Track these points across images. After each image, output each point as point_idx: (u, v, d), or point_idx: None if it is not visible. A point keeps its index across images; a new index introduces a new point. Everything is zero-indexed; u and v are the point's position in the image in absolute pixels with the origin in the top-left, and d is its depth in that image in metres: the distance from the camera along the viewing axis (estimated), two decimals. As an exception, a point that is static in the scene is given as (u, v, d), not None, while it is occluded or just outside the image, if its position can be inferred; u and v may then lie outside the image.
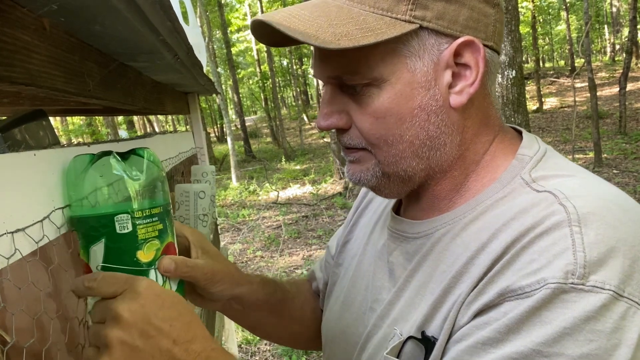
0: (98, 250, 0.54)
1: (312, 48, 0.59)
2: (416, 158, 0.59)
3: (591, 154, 8.74)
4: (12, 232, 0.55)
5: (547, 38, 34.94)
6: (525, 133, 0.65)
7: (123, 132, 17.87)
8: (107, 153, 0.57)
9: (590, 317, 0.44)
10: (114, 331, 0.50)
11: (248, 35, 24.85)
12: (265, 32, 0.60)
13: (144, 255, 0.56)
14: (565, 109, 15.35)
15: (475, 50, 0.56)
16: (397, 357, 0.59)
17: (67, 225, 0.57)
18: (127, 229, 0.54)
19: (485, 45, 0.57)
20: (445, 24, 0.55)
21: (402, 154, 0.59)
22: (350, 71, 0.56)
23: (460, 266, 0.55)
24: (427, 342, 0.56)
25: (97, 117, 8.26)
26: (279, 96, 24.70)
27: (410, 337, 0.57)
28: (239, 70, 25.61)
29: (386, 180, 0.62)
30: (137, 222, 0.55)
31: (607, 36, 30.92)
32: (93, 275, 0.53)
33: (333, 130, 0.65)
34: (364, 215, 0.85)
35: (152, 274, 0.57)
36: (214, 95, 5.09)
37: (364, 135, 0.59)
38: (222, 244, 6.91)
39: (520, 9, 14.85)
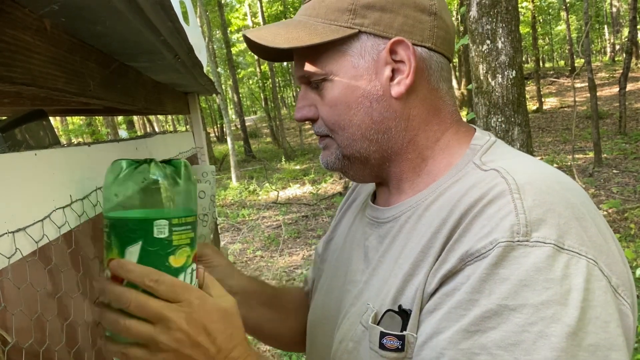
0: (134, 252, 0.56)
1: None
2: (366, 140, 0.70)
3: (591, 154, 8.74)
4: (13, 232, 0.55)
5: (547, 38, 34.93)
6: (478, 128, 0.76)
7: (123, 132, 17.86)
8: (149, 160, 0.60)
9: (540, 267, 0.51)
10: (169, 336, 0.54)
11: (248, 35, 24.81)
12: (254, 44, 0.72)
13: (176, 260, 0.58)
14: (565, 109, 15.35)
15: (406, 48, 0.66)
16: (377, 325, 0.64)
17: (103, 226, 0.58)
18: (164, 234, 0.56)
19: (420, 45, 0.68)
20: (381, 28, 0.67)
21: (353, 136, 0.70)
22: (310, 70, 0.70)
23: (426, 242, 0.63)
24: (403, 314, 0.62)
25: (97, 117, 8.24)
26: (279, 96, 24.71)
27: (388, 310, 0.63)
28: (239, 70, 25.60)
29: (348, 162, 0.74)
30: (174, 229, 0.57)
31: (607, 36, 30.91)
32: (157, 276, 0.55)
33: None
34: (347, 214, 0.94)
35: (181, 278, 0.58)
36: (214, 95, 5.09)
37: (325, 123, 0.72)
38: (222, 243, 6.91)
39: (520, 9, 14.85)
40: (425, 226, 0.65)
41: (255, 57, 22.44)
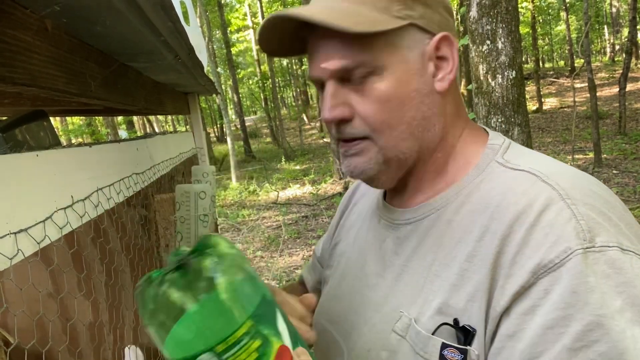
0: None
1: (310, 52, 0.67)
2: (413, 139, 0.66)
3: (591, 154, 8.74)
4: (15, 233, 0.55)
5: (546, 38, 34.93)
6: (488, 129, 0.75)
7: (123, 132, 17.86)
8: (160, 278, 0.48)
9: (615, 271, 0.51)
10: None
11: (248, 35, 24.85)
12: (271, 36, 0.66)
13: None
14: (565, 109, 15.35)
15: (450, 44, 0.66)
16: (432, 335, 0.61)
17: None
18: None
19: None
20: (426, 22, 0.65)
21: (402, 135, 0.66)
22: (357, 61, 0.63)
23: (470, 250, 0.60)
24: (462, 330, 0.59)
25: (97, 117, 8.24)
26: (278, 96, 24.71)
27: (444, 324, 0.60)
28: (239, 70, 25.60)
29: (385, 167, 0.68)
30: (224, 356, 0.46)
31: (606, 36, 30.91)
32: None
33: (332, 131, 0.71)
34: (350, 217, 0.91)
35: None
36: (214, 95, 5.08)
37: (369, 122, 0.65)
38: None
39: (520, 9, 14.84)
40: (460, 231, 0.63)
41: (255, 57, 22.50)
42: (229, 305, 0.48)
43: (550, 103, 17.00)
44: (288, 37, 0.67)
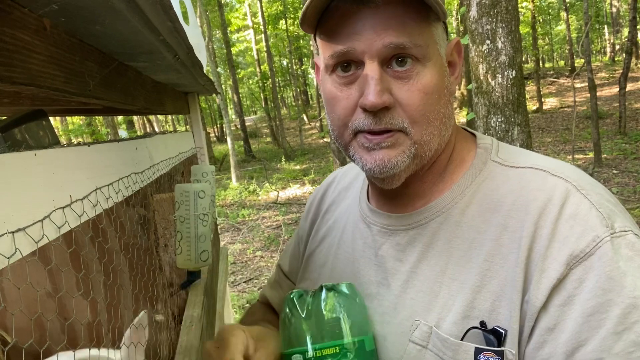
0: None
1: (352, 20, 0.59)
2: (439, 136, 0.64)
3: (591, 154, 8.73)
4: (13, 232, 0.55)
5: (547, 38, 34.92)
6: (470, 130, 0.75)
7: (123, 132, 17.86)
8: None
9: (636, 254, 0.53)
10: None
11: (248, 35, 24.85)
12: (313, 12, 0.60)
13: None
14: (565, 109, 15.35)
15: (459, 50, 0.66)
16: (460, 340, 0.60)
17: None
18: None
19: None
20: (445, 26, 0.65)
21: (435, 130, 0.62)
22: (413, 43, 0.58)
23: (489, 249, 0.60)
24: (494, 332, 0.57)
25: (97, 117, 8.25)
26: (278, 96, 24.70)
27: (472, 328, 0.59)
28: (239, 70, 25.61)
29: (410, 163, 0.63)
30: None
31: (607, 36, 30.91)
32: None
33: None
34: (322, 226, 0.86)
35: None
36: (214, 95, 5.09)
37: (411, 112, 0.60)
38: (222, 244, 6.91)
39: (520, 9, 14.84)
40: (472, 232, 0.62)
41: (256, 57, 22.49)
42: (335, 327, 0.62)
43: (550, 103, 17.00)
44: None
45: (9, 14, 0.60)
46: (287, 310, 0.65)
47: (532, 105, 15.58)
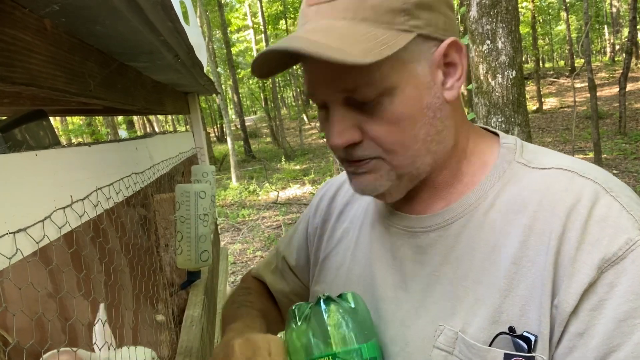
0: None
1: (307, 71, 0.62)
2: (429, 154, 0.63)
3: (591, 154, 8.73)
4: (14, 232, 0.55)
5: (547, 38, 34.93)
6: (489, 127, 0.73)
7: (123, 132, 17.86)
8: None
9: None
10: None
11: (248, 35, 24.85)
12: (266, 62, 0.61)
13: None
14: (565, 109, 15.35)
15: (458, 48, 0.62)
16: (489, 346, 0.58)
17: None
18: None
19: None
20: (432, 29, 0.60)
21: (418, 152, 0.62)
22: (366, 83, 0.58)
23: (515, 252, 0.58)
24: (523, 338, 0.56)
25: (97, 117, 8.25)
26: (278, 96, 24.71)
27: (501, 333, 0.57)
28: (239, 70, 25.58)
29: (398, 182, 0.64)
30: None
31: (607, 36, 30.90)
32: None
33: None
34: (338, 227, 0.84)
35: None
36: (214, 95, 5.09)
37: (381, 143, 0.61)
38: (222, 244, 6.91)
39: (520, 9, 14.83)
40: (496, 234, 0.61)
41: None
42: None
43: (550, 103, 17.00)
44: (281, 59, 0.61)
45: (9, 14, 0.60)
46: (291, 323, 0.67)
47: (532, 105, 15.58)
